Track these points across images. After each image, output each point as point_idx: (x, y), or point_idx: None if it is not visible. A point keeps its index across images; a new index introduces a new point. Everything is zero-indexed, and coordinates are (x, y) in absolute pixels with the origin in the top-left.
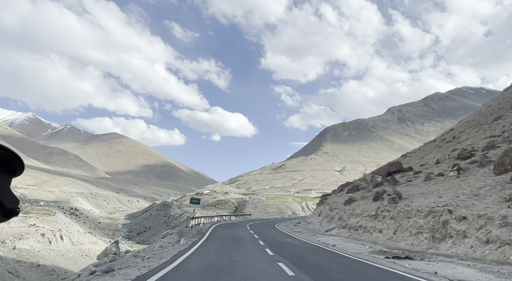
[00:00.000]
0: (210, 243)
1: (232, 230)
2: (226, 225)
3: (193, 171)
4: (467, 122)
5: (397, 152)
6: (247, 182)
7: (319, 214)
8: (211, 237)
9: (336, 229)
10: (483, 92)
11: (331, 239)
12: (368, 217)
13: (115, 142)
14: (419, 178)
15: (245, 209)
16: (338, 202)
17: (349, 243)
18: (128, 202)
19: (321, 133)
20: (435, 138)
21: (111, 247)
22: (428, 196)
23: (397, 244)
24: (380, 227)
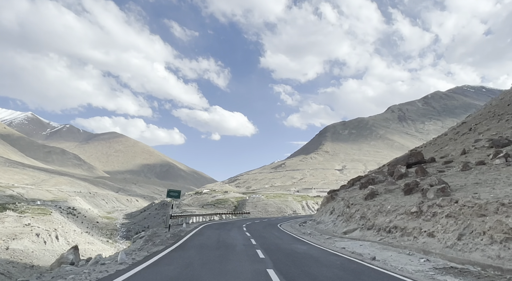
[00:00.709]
0: (175, 256)
1: (222, 232)
2: (218, 224)
3: (193, 170)
4: (480, 115)
5: (397, 151)
6: (246, 181)
7: (331, 212)
8: (186, 245)
9: (359, 231)
10: (483, 91)
11: (358, 246)
12: (406, 214)
13: (114, 141)
14: (453, 168)
15: (245, 208)
16: (356, 197)
17: (388, 252)
18: (127, 201)
19: (321, 132)
20: (445, 132)
21: (67, 254)
22: (487, 187)
23: (467, 256)
24: (430, 228)
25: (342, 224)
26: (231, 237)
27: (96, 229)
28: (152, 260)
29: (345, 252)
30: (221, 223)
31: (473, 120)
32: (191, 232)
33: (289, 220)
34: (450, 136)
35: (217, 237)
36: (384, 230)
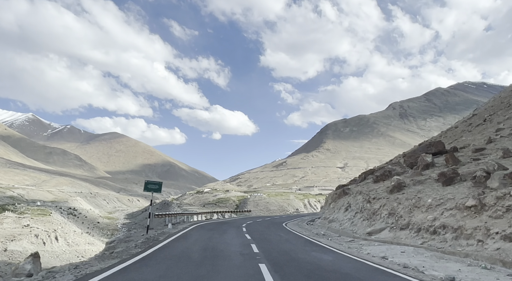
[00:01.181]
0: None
1: (216, 234)
2: (214, 224)
3: (194, 170)
4: (492, 107)
5: (399, 148)
6: (248, 180)
7: (346, 208)
8: (156, 255)
9: (388, 231)
10: (484, 87)
11: (398, 253)
12: (459, 210)
13: (115, 142)
14: (489, 155)
15: (246, 206)
16: (377, 190)
17: (449, 264)
18: (128, 201)
19: (322, 130)
20: (455, 124)
21: (24, 263)
22: None
23: None
24: (506, 229)
25: (363, 222)
26: (225, 241)
27: (97, 229)
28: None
29: (392, 265)
30: (218, 222)
31: (485, 112)
32: (175, 234)
33: (293, 218)
34: (463, 128)
35: (207, 241)
36: (427, 230)
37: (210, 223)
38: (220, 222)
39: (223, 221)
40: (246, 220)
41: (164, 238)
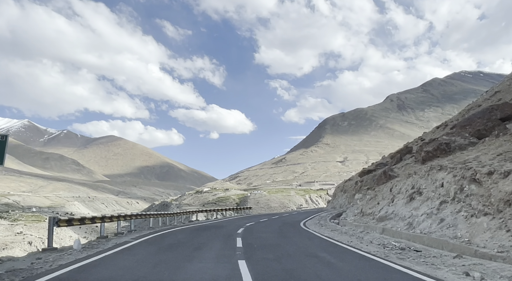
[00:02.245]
0: None
1: (170, 259)
2: (196, 229)
3: (193, 170)
4: (508, 85)
5: (398, 140)
6: (247, 178)
7: (411, 197)
8: None
9: None
10: (481, 76)
11: None
12: None
13: (113, 145)
14: None
15: (247, 204)
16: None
17: None
18: (127, 204)
19: (320, 124)
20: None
21: None
22: None
23: None
24: None
25: (464, 221)
26: None
27: (95, 233)
28: None
29: None
30: (205, 226)
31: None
32: (87, 258)
33: (305, 216)
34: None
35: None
36: None
37: (192, 227)
38: (209, 224)
39: (214, 224)
40: (246, 220)
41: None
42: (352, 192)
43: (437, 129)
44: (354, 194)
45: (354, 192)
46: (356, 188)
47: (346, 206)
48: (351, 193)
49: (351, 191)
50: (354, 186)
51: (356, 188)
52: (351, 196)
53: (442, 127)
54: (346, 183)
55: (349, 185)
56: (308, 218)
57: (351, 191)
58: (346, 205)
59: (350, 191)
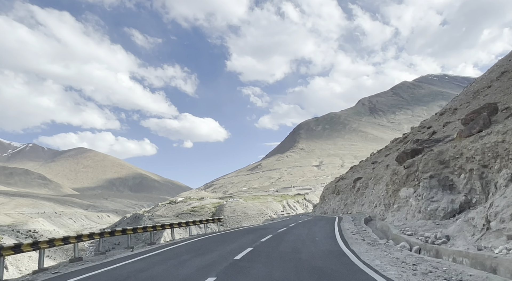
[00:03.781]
0: None
1: None
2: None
3: (167, 180)
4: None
5: (372, 143)
6: (223, 186)
7: None
8: None
9: None
10: (446, 79)
11: None
12: None
13: (82, 157)
14: None
15: (223, 213)
16: None
17: None
18: (97, 218)
19: (294, 130)
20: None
21: None
22: None
23: None
24: None
25: None
26: None
27: (60, 251)
28: None
29: None
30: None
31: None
32: None
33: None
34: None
35: None
36: None
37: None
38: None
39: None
40: (235, 240)
41: None
42: (346, 193)
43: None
44: (396, 189)
45: (395, 187)
46: (398, 180)
47: (342, 210)
48: (348, 194)
49: (349, 191)
50: (391, 177)
51: (398, 180)
52: (352, 196)
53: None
54: (339, 182)
55: (344, 185)
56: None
57: (348, 192)
58: (342, 208)
59: (346, 191)
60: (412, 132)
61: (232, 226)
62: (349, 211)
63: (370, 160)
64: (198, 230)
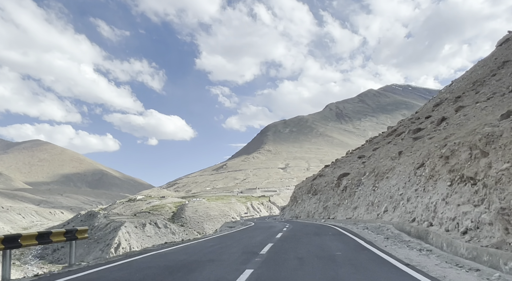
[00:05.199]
0: None
1: None
2: None
3: (129, 177)
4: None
5: (338, 147)
6: (186, 185)
7: None
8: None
9: None
10: (409, 89)
11: None
12: None
13: (38, 150)
14: None
15: (184, 213)
16: None
17: None
18: (49, 214)
19: (262, 131)
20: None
21: None
22: None
23: None
24: None
25: None
26: None
27: None
28: None
29: None
30: None
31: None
32: None
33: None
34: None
35: None
36: None
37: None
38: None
39: None
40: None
41: None
42: (327, 194)
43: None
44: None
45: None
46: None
47: (320, 214)
48: (329, 194)
49: (330, 191)
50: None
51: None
52: (335, 197)
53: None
54: (316, 180)
55: (323, 183)
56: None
57: (329, 192)
58: (321, 212)
59: (326, 191)
60: (403, 125)
61: (193, 227)
62: (331, 216)
63: (356, 154)
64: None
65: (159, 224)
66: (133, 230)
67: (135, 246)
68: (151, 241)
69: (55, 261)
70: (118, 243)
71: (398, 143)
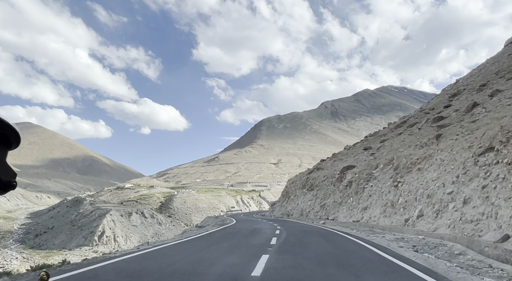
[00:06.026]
0: None
1: None
2: None
3: (119, 165)
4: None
5: (331, 146)
6: (176, 175)
7: None
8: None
9: None
10: (405, 91)
11: None
12: None
13: (28, 133)
14: None
15: (172, 204)
16: None
17: None
18: (36, 198)
19: (256, 125)
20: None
21: None
22: None
23: None
24: None
25: None
26: None
27: None
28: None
29: None
30: None
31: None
32: None
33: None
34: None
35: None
36: None
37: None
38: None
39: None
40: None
41: None
42: (325, 189)
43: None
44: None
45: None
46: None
47: (317, 213)
48: (328, 190)
49: (330, 186)
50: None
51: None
52: (336, 194)
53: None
54: (313, 174)
55: (321, 178)
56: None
57: (328, 188)
58: (318, 211)
59: (325, 187)
60: (414, 117)
61: (180, 218)
62: (330, 216)
63: (360, 146)
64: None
65: (146, 214)
66: (118, 219)
67: (119, 235)
68: (137, 230)
69: (36, 246)
70: (102, 231)
71: (415, 132)
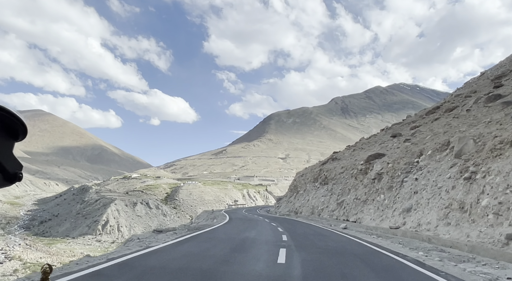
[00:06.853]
0: None
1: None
2: None
3: (128, 155)
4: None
5: (340, 142)
6: (184, 167)
7: None
8: None
9: None
10: (417, 89)
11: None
12: None
13: (39, 120)
14: None
15: (178, 196)
16: None
17: None
18: (44, 185)
19: (265, 119)
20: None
21: None
22: None
23: None
24: None
25: None
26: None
27: None
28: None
29: None
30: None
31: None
32: None
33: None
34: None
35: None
36: None
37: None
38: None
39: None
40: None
41: None
42: (344, 184)
43: None
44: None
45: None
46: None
47: (331, 212)
48: (347, 184)
49: (350, 180)
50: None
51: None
52: (359, 190)
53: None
54: (326, 165)
55: (338, 169)
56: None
57: (347, 182)
58: (333, 210)
59: (344, 180)
60: (449, 101)
61: (185, 210)
62: (351, 218)
63: (387, 132)
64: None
65: (151, 204)
66: (123, 208)
67: (123, 224)
68: (141, 221)
69: (40, 233)
70: (106, 220)
71: (462, 115)
